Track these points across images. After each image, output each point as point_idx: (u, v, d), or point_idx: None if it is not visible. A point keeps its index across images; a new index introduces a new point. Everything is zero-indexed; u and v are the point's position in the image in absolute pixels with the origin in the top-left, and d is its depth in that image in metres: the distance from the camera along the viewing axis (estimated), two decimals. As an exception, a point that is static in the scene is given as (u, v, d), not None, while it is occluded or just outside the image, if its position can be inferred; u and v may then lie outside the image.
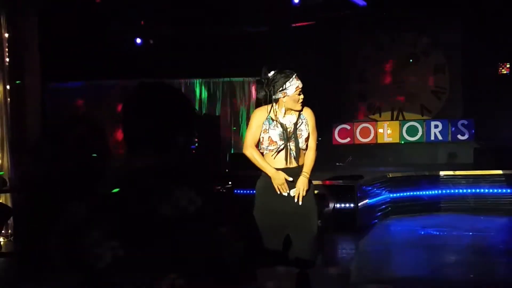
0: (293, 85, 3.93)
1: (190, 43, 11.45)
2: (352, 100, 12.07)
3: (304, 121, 4.02)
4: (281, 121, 3.94)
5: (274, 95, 3.94)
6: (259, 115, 4.01)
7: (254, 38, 11.48)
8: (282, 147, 3.93)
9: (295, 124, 3.97)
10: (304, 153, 4.02)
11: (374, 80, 11.98)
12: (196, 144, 10.39)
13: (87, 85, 11.87)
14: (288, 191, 3.90)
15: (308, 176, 3.97)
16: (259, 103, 4.11)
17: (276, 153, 3.95)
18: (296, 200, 3.91)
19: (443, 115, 11.43)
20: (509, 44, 10.11)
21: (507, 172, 8.69)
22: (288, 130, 3.94)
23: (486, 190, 8.71)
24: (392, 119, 11.78)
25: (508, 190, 8.62)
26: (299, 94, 3.95)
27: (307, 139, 4.01)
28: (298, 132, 3.96)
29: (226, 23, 10.91)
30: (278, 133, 3.93)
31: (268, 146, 3.97)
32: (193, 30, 11.14)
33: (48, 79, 9.57)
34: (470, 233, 7.17)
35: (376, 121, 11.82)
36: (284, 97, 3.92)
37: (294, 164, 3.95)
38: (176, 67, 11.29)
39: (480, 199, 8.73)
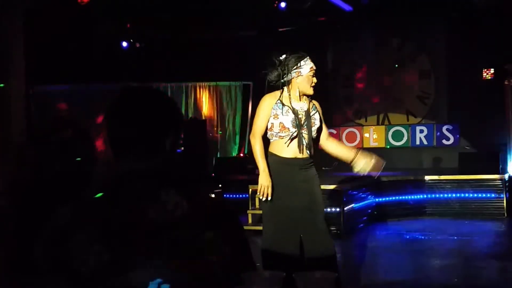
0: (308, 65, 3.80)
1: (176, 47, 11.43)
2: (338, 104, 12.10)
3: (316, 110, 3.90)
4: (293, 106, 3.78)
5: (287, 74, 3.80)
6: (268, 101, 3.83)
7: (240, 42, 11.48)
8: (295, 134, 3.77)
9: (307, 112, 3.82)
10: (316, 143, 3.90)
11: (360, 84, 12.03)
12: (182, 148, 10.36)
13: (72, 88, 11.79)
14: (264, 198, 3.74)
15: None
16: (270, 87, 3.92)
17: (289, 140, 3.78)
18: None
19: (428, 120, 11.50)
20: (493, 50, 10.21)
21: (491, 176, 8.77)
22: (300, 117, 3.79)
23: (471, 195, 8.78)
24: (377, 124, 11.83)
25: (493, 195, 8.69)
26: (313, 76, 3.83)
27: (319, 130, 3.89)
28: (312, 121, 3.82)
29: (213, 27, 10.90)
30: (290, 119, 3.75)
31: (279, 132, 3.79)
32: (180, 34, 11.11)
33: (33, 82, 9.50)
34: (455, 237, 7.22)
35: (362, 125, 11.87)
36: (298, 77, 3.79)
37: (305, 154, 3.80)
38: (162, 70, 11.26)
39: (465, 203, 8.80)
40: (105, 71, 10.56)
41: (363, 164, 3.88)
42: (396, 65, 11.67)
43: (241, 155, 11.92)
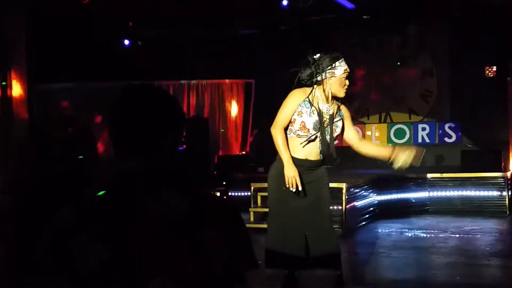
0: (342, 66, 3.74)
1: (178, 45, 11.43)
2: (340, 102, 12.06)
3: (342, 117, 3.85)
4: (320, 108, 3.72)
5: (320, 74, 3.73)
6: (297, 96, 3.74)
7: (242, 40, 11.48)
8: (313, 137, 3.73)
9: (332, 116, 3.77)
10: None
11: (362, 82, 12.01)
12: (184, 146, 10.37)
13: (74, 86, 11.80)
14: (294, 189, 3.65)
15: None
16: (299, 85, 3.84)
17: (306, 142, 3.73)
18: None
19: (430, 118, 11.49)
20: (495, 48, 10.19)
21: (494, 174, 8.75)
22: (324, 119, 3.73)
23: (473, 193, 8.77)
24: (380, 122, 11.83)
25: (495, 193, 8.68)
26: (346, 79, 3.77)
27: (338, 137, 3.86)
28: (334, 127, 3.78)
29: (215, 25, 10.90)
30: (313, 120, 3.69)
31: (298, 130, 3.73)
32: (182, 32, 11.11)
33: (35, 81, 9.51)
34: (457, 235, 7.21)
35: (364, 123, 11.87)
36: (331, 77, 3.72)
37: (318, 157, 3.78)
38: (164, 68, 11.27)
39: (467, 201, 8.80)
40: (107, 69, 10.56)
41: (404, 158, 3.72)
42: (398, 63, 11.66)
43: (243, 153, 11.92)
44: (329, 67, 3.73)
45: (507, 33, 9.59)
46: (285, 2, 9.97)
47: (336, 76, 3.75)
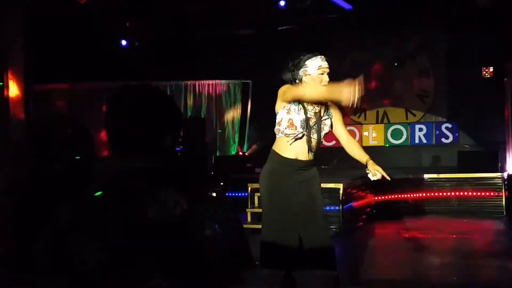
0: (316, 64, 3.77)
1: (175, 45, 11.43)
2: (338, 102, 12.06)
3: (329, 117, 3.87)
4: (305, 106, 3.74)
5: (296, 74, 3.78)
6: (289, 87, 3.79)
7: (240, 40, 11.48)
8: (300, 135, 3.74)
9: (319, 114, 3.79)
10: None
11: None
12: (181, 146, 10.37)
13: (72, 86, 11.78)
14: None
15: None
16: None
17: (293, 140, 3.74)
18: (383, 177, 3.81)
19: (427, 118, 11.51)
20: (492, 48, 10.21)
21: (490, 175, 8.78)
22: (310, 117, 3.75)
23: (470, 193, 8.79)
24: (377, 122, 11.84)
25: (492, 193, 8.70)
26: (322, 74, 3.79)
27: (326, 134, 3.88)
28: (321, 125, 3.80)
29: (212, 25, 10.90)
30: (301, 118, 3.71)
31: (285, 129, 3.75)
32: (179, 32, 11.11)
33: (32, 81, 9.49)
34: (454, 236, 7.23)
35: (361, 124, 11.87)
36: (305, 75, 3.76)
37: (307, 157, 3.79)
38: (162, 69, 11.26)
39: (464, 201, 8.82)
40: (104, 69, 10.55)
41: (372, 172, 3.95)
42: (396, 64, 11.67)
43: (240, 153, 11.92)
44: (302, 66, 3.78)
45: (505, 33, 9.62)
46: (282, 3, 9.98)
47: (310, 74, 3.78)
